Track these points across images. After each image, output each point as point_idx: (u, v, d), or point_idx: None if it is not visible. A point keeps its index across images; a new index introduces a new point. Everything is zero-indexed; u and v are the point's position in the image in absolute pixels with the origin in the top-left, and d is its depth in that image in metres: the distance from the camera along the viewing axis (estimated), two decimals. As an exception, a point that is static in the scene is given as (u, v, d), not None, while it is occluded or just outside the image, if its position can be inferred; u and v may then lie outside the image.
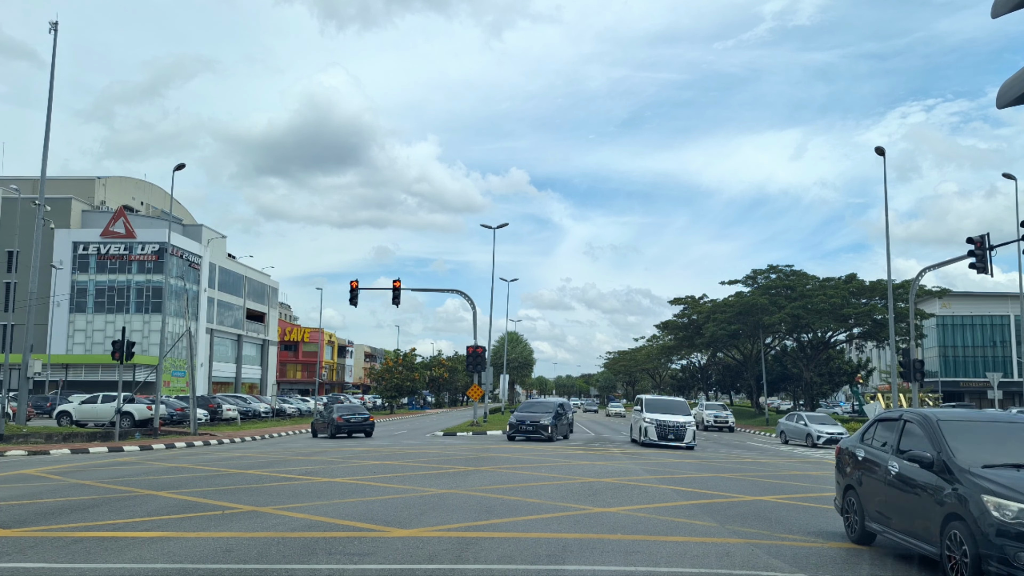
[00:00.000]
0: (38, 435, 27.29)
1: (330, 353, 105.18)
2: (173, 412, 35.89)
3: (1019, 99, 4.21)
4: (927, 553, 7.61)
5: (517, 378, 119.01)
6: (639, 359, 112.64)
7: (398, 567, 7.68)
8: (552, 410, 31.99)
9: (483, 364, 39.88)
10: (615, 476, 17.08)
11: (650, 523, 10.60)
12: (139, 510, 11.23)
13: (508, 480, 15.74)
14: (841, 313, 54.49)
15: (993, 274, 25.59)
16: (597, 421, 63.68)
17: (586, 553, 8.45)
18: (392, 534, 9.34)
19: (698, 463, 21.82)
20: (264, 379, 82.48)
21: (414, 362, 76.03)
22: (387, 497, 12.79)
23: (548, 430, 30.38)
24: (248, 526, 9.84)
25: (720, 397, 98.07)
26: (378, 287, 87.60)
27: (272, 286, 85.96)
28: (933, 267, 28.85)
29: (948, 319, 78.21)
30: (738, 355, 74.69)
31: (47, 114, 30.12)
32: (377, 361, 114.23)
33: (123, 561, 7.76)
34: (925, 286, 52.54)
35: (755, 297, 59.16)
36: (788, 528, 10.47)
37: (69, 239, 60.94)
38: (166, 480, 15.42)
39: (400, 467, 18.50)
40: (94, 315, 61.39)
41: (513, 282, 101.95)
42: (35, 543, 8.70)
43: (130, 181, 74.86)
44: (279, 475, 16.38)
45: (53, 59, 29.72)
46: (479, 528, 9.90)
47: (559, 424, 31.93)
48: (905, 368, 27.70)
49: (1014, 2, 4.12)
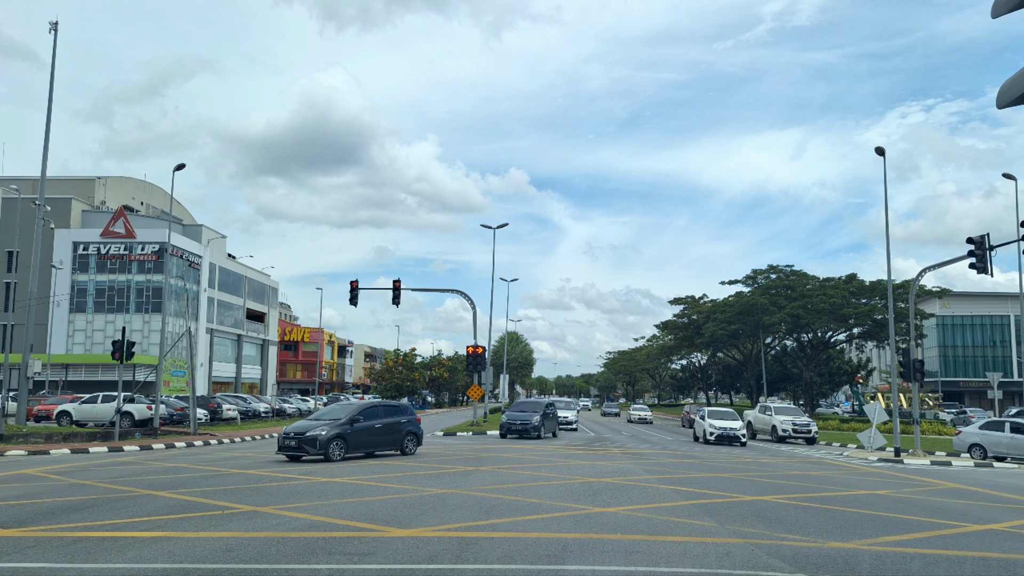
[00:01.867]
0: (38, 435, 27.28)
1: (330, 353, 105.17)
2: (173, 412, 35.86)
3: (1019, 99, 4.21)
4: None
5: (517, 378, 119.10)
6: (639, 359, 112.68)
7: (398, 567, 7.68)
8: (540, 410, 33.43)
9: (483, 364, 39.87)
10: (615, 476, 17.08)
11: (650, 523, 10.60)
12: (139, 510, 11.22)
13: (508, 480, 15.74)
14: (841, 313, 54.50)
15: (993, 274, 25.58)
16: (596, 420, 63.71)
17: (586, 553, 8.45)
18: (392, 534, 9.34)
19: (698, 463, 21.81)
20: (264, 379, 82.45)
21: (414, 362, 76.12)
22: (387, 497, 12.79)
23: (538, 430, 31.92)
24: (248, 526, 9.84)
25: (720, 397, 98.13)
26: (378, 287, 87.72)
27: (272, 286, 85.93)
28: (933, 267, 28.83)
29: (948, 319, 78.23)
30: (738, 355, 74.71)
31: (47, 114, 30.11)
32: (377, 361, 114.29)
33: (123, 561, 7.76)
34: (925, 286, 52.55)
35: (755, 297, 59.17)
36: (788, 528, 10.47)
37: (69, 239, 60.91)
38: (166, 480, 15.42)
39: (400, 467, 18.49)
40: (94, 315, 61.36)
41: (513, 282, 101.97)
42: (35, 543, 8.70)
43: (130, 181, 74.82)
44: (279, 475, 16.37)
45: (53, 59, 29.71)
46: (479, 528, 9.90)
47: (547, 423, 33.44)
48: (905, 368, 27.69)
49: (1014, 2, 4.11)
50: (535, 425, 31.71)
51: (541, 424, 32.10)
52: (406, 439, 22.13)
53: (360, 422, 20.86)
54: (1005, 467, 24.08)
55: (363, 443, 20.98)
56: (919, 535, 10.21)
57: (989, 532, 10.83)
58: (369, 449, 21.33)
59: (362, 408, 21.57)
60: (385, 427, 21.64)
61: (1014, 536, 10.64)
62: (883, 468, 22.49)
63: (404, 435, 22.10)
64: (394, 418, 22.12)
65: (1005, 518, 12.23)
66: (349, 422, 20.58)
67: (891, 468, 22.62)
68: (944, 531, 10.69)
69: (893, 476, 19.81)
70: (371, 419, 21.29)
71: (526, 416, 32.36)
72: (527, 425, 31.70)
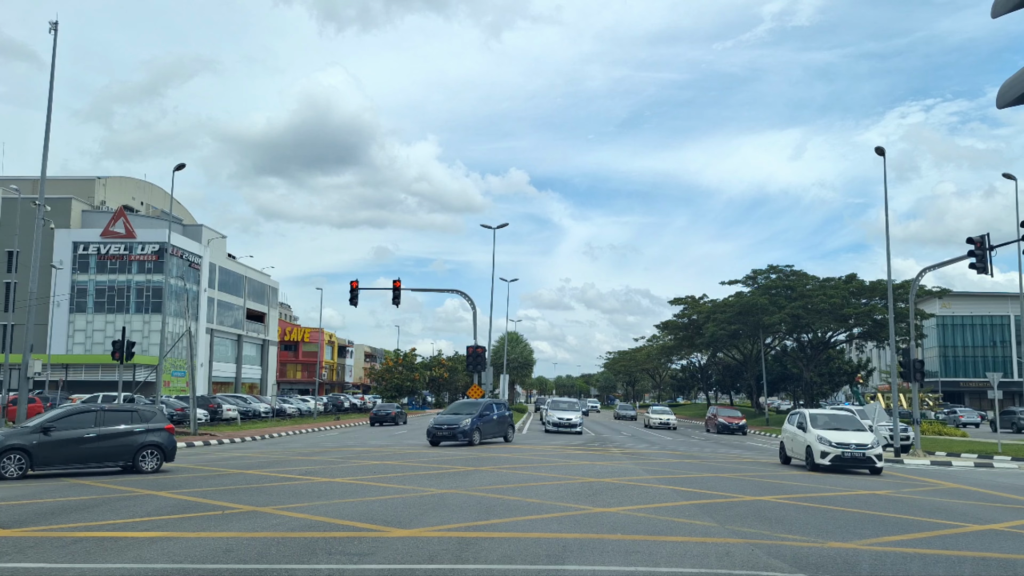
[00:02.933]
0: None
1: (330, 353, 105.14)
2: (173, 412, 35.83)
3: (1019, 99, 4.21)
4: None
5: (517, 378, 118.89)
6: (639, 359, 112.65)
7: (398, 567, 7.68)
8: (476, 411, 28.79)
9: (483, 364, 39.87)
10: (615, 476, 17.08)
11: (650, 523, 10.59)
12: (139, 510, 11.23)
13: (508, 480, 15.74)
14: (841, 313, 54.50)
15: (993, 274, 25.57)
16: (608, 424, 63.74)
17: (586, 553, 8.44)
18: (392, 534, 9.34)
19: (698, 463, 21.82)
20: (264, 379, 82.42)
21: (414, 362, 76.08)
22: (387, 497, 12.79)
23: (469, 435, 27.48)
24: (248, 526, 9.84)
25: (720, 397, 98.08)
26: (378, 287, 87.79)
27: (272, 286, 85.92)
28: (933, 267, 28.83)
29: (948, 319, 78.23)
30: (738, 355, 74.68)
31: (47, 114, 30.08)
32: (377, 361, 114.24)
33: (123, 561, 7.76)
34: (925, 286, 52.55)
35: (755, 297, 59.15)
36: (788, 528, 10.47)
37: (69, 239, 60.90)
38: (166, 480, 15.42)
39: (400, 467, 18.49)
40: (94, 315, 61.35)
41: (513, 282, 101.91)
42: (35, 543, 8.70)
43: (130, 181, 74.82)
44: (279, 475, 16.38)
45: (53, 59, 29.67)
46: (479, 528, 9.90)
47: (485, 426, 28.84)
48: (905, 368, 27.69)
49: (1014, 2, 4.11)
50: (464, 430, 27.30)
51: (474, 428, 27.64)
52: (508, 429, 30.46)
53: (486, 416, 28.69)
54: (1005, 467, 24.09)
55: (489, 432, 28.75)
56: (919, 535, 10.21)
57: (989, 532, 10.83)
58: (492, 438, 29.14)
59: (486, 404, 29.68)
60: (499, 419, 29.78)
61: (1014, 536, 10.64)
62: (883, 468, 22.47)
63: (507, 425, 30.38)
64: (502, 412, 30.52)
65: (1005, 518, 12.23)
66: (479, 415, 28.14)
67: (891, 468, 22.62)
68: (944, 531, 10.69)
69: (893, 476, 19.81)
70: (491, 413, 29.34)
71: (456, 419, 28.00)
72: (455, 430, 27.35)
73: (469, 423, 27.62)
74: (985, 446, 31.57)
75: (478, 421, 28.14)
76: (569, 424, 39.15)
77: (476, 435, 27.68)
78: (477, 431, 27.83)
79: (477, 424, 27.97)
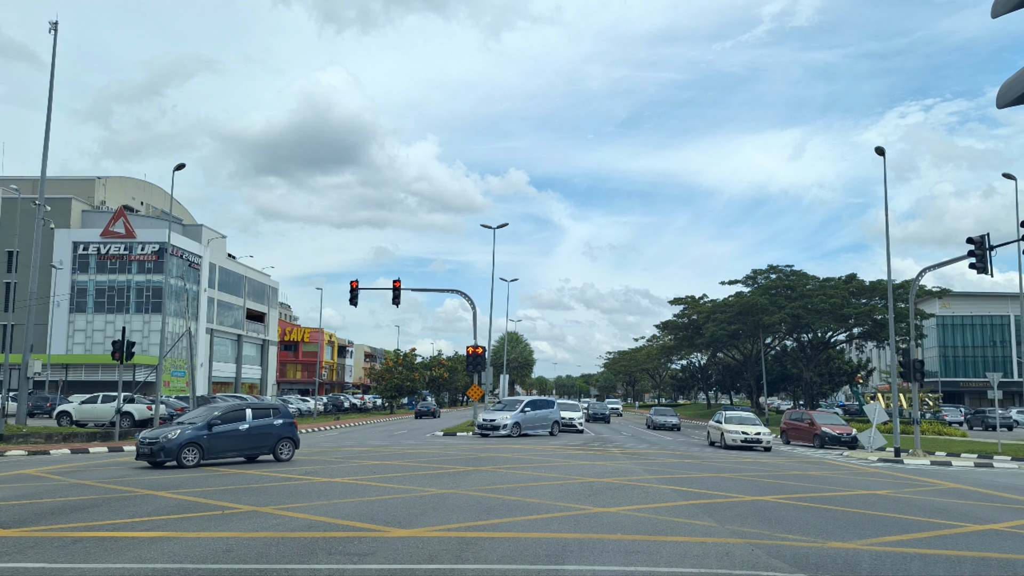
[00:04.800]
0: (38, 435, 27.24)
1: (330, 353, 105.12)
2: (173, 412, 35.77)
3: (1019, 99, 4.20)
4: None
5: (517, 378, 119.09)
6: (639, 359, 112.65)
7: (398, 567, 7.68)
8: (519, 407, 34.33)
9: (483, 364, 39.85)
10: (615, 476, 17.08)
11: (650, 523, 10.60)
12: (139, 510, 11.23)
13: (508, 480, 15.74)
14: (841, 313, 54.51)
15: (993, 274, 25.55)
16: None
17: (586, 553, 8.44)
18: (392, 534, 9.34)
19: (698, 463, 21.82)
20: (264, 379, 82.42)
21: (414, 362, 75.98)
22: (387, 497, 12.79)
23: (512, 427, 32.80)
24: (248, 526, 9.84)
25: (720, 398, 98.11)
26: (378, 287, 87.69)
27: (272, 286, 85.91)
28: (933, 267, 28.82)
29: (948, 319, 78.26)
30: (738, 355, 74.70)
31: (47, 114, 30.10)
32: (377, 361, 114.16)
33: (123, 561, 7.76)
34: (925, 286, 52.57)
35: (755, 297, 59.16)
36: (788, 528, 10.47)
37: (69, 239, 60.89)
38: (166, 480, 15.42)
39: (400, 467, 18.50)
40: (94, 315, 61.34)
41: (513, 282, 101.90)
42: (35, 543, 8.70)
43: (130, 181, 74.82)
44: (279, 475, 16.38)
45: (53, 59, 29.69)
46: (479, 528, 9.90)
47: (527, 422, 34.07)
48: (905, 368, 27.68)
49: (1014, 2, 4.11)
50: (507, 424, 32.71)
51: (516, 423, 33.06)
52: (553, 425, 34.70)
53: (528, 412, 32.78)
54: (1005, 467, 24.10)
55: (532, 426, 32.51)
56: (919, 535, 10.21)
57: (989, 532, 10.83)
58: (534, 431, 32.48)
59: (529, 401, 33.79)
60: (542, 415, 33.75)
61: (1014, 536, 10.64)
62: (883, 468, 22.49)
63: (552, 423, 34.64)
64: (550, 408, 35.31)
65: (1005, 518, 12.22)
66: (522, 411, 32.11)
67: (891, 468, 22.62)
68: (944, 531, 10.69)
69: (893, 476, 19.81)
70: (535, 409, 33.73)
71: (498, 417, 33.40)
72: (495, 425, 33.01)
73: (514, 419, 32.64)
74: (985, 446, 31.58)
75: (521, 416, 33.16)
76: (570, 424, 40.32)
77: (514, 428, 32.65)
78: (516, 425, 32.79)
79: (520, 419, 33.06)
